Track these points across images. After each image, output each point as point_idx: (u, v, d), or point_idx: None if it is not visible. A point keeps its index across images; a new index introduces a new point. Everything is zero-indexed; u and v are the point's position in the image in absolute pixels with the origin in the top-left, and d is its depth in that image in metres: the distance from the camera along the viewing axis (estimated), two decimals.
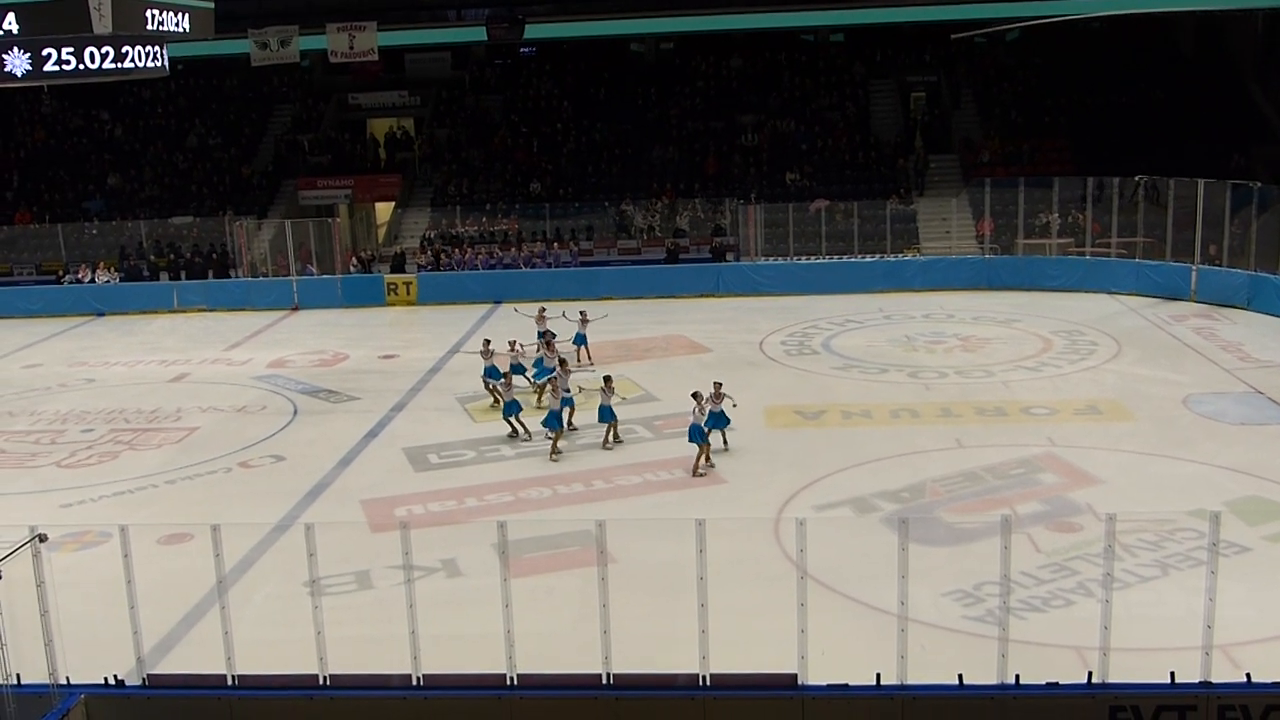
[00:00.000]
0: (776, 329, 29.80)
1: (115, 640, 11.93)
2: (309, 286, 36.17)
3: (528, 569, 14.55)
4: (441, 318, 34.05)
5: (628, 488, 18.05)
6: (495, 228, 40.16)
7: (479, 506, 17.46)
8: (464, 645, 12.81)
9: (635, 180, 41.67)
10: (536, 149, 43.30)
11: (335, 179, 42.94)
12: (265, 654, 12.40)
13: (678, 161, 42.05)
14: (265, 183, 43.32)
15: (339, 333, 32.25)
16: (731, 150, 42.00)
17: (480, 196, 41.76)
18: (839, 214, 37.27)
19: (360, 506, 17.61)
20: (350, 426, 22.21)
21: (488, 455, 20.03)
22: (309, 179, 43.12)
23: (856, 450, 19.33)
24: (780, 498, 17.11)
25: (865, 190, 39.17)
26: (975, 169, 39.27)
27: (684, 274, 35.61)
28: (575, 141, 43.40)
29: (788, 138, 42.16)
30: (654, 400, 23.13)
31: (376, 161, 44.16)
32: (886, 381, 24.04)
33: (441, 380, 25.79)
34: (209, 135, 45.33)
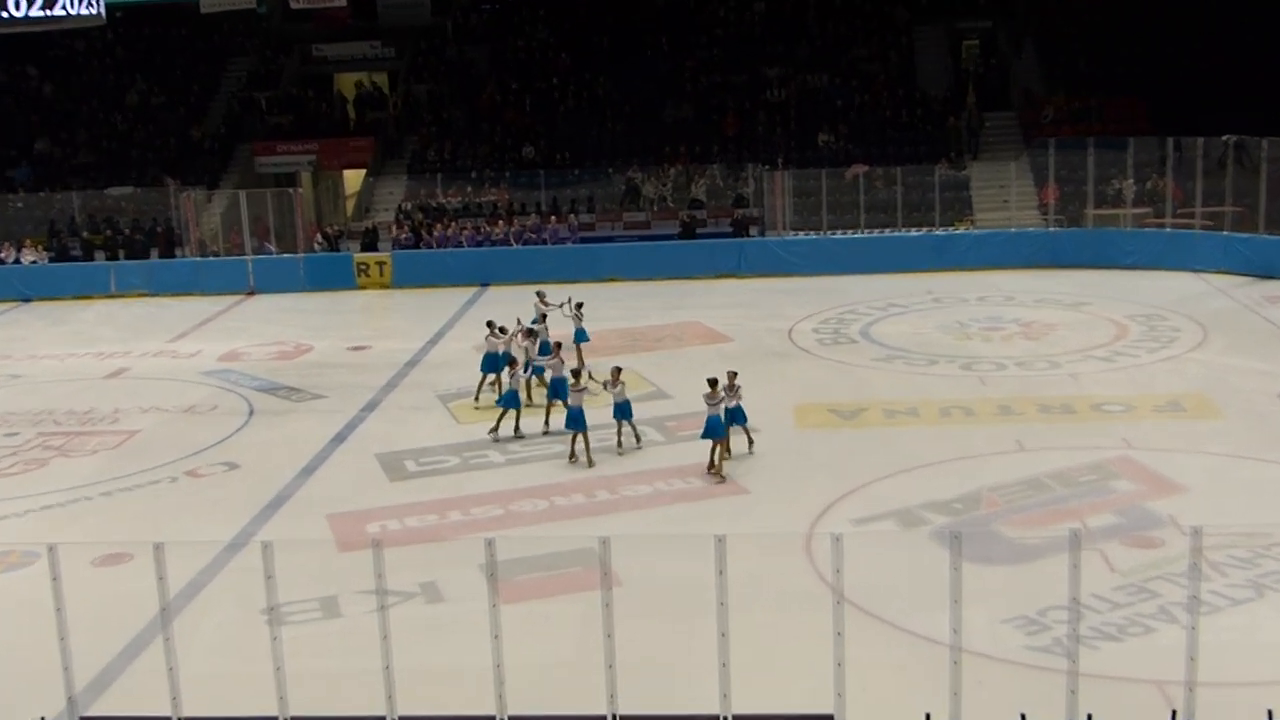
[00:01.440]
0: (808, 314, 29.74)
1: (43, 677, 11.88)
2: (267, 267, 36.20)
3: (520, 593, 14.52)
4: (420, 303, 34.03)
5: (636, 499, 18.00)
6: (482, 199, 40.16)
7: (464, 521, 17.42)
8: (447, 682, 12.77)
9: (644, 143, 41.61)
10: (529, 108, 43.28)
11: (297, 143, 42.99)
12: (216, 691, 12.36)
13: (693, 122, 41.98)
14: (217, 148, 43.34)
15: (301, 320, 32.26)
16: (755, 108, 41.91)
17: (465, 163, 41.76)
18: (879, 181, 37.17)
19: (326, 522, 17.59)
20: (314, 429, 22.20)
21: (474, 462, 19.99)
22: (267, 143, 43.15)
23: (901, 454, 19.27)
24: (813, 510, 17.06)
25: (910, 154, 39.08)
26: (1037, 128, 39.14)
27: (700, 251, 35.60)
28: (574, 99, 43.35)
29: (820, 93, 42.05)
30: (665, 397, 23.09)
31: (345, 123, 44.17)
32: (936, 374, 24.00)
33: (420, 375, 25.76)
34: (152, 93, 45.37)
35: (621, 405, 19.84)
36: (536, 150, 41.72)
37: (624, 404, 19.84)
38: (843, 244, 35.04)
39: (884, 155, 39.04)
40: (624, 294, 33.65)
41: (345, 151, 43.44)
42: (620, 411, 19.87)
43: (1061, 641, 12.94)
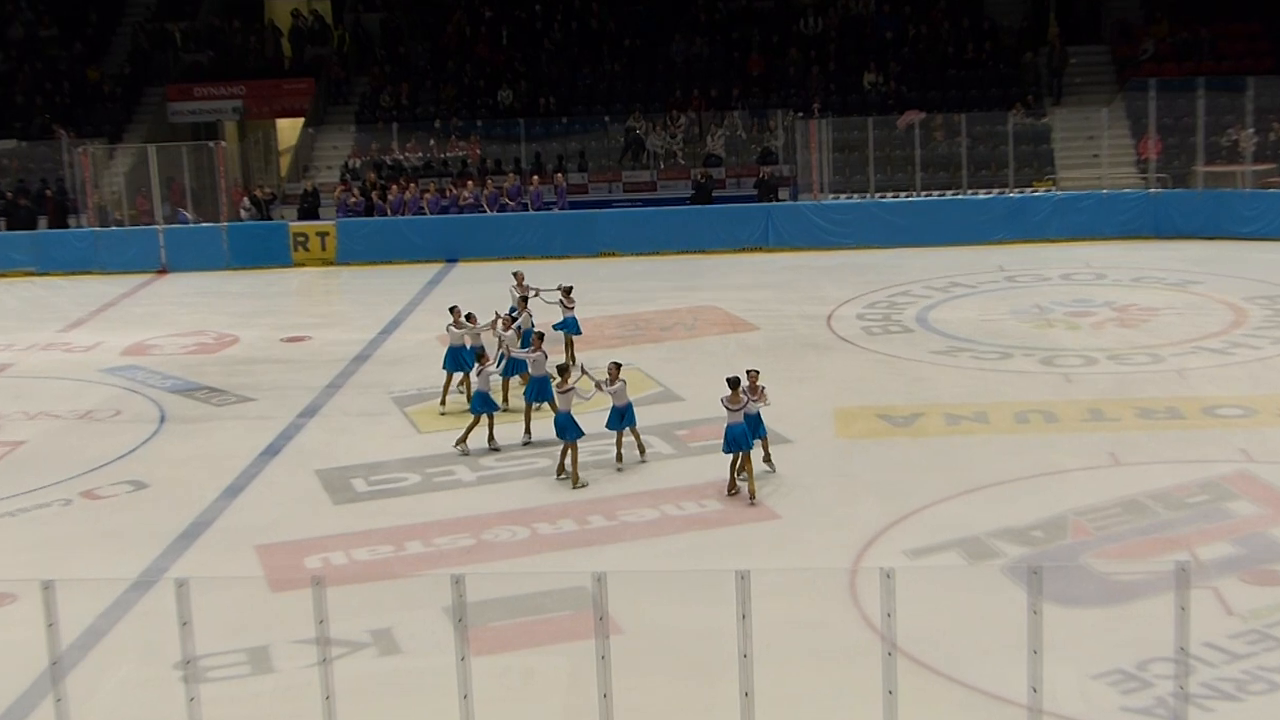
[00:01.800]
0: (851, 297, 29.72)
1: None
2: (182, 239, 36.24)
3: (496, 643, 14.47)
4: (372, 283, 34.01)
5: (639, 526, 17.97)
6: (449, 154, 40.20)
7: (426, 554, 17.39)
8: None
9: (648, 86, 41.61)
10: (507, 41, 43.25)
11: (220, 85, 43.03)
12: None
13: (709, 58, 41.94)
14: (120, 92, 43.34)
15: (225, 305, 32.23)
16: (785, 42, 41.86)
17: (426, 110, 41.77)
18: (939, 132, 37.16)
19: (255, 554, 17.55)
20: (241, 439, 22.17)
21: (438, 480, 19.97)
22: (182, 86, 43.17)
23: (967, 470, 19.22)
24: (858, 538, 17.02)
25: (977, 98, 39.08)
26: (1135, 66, 39.09)
27: (718, 219, 35.62)
28: (562, 31, 43.30)
29: (865, 24, 41.99)
30: (674, 400, 23.05)
31: (278, 61, 44.17)
32: (1010, 371, 23.97)
33: (372, 373, 25.78)
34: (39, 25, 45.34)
35: (622, 410, 19.81)
36: (515, 95, 41.71)
37: (625, 408, 19.81)
38: (894, 210, 35.03)
39: (945, 100, 39.02)
40: (623, 272, 33.62)
41: (279, 96, 43.47)
42: (620, 417, 19.83)
43: (1166, 701, 12.89)
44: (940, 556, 16.43)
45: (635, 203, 38.48)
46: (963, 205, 34.96)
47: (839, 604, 15.15)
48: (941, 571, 15.85)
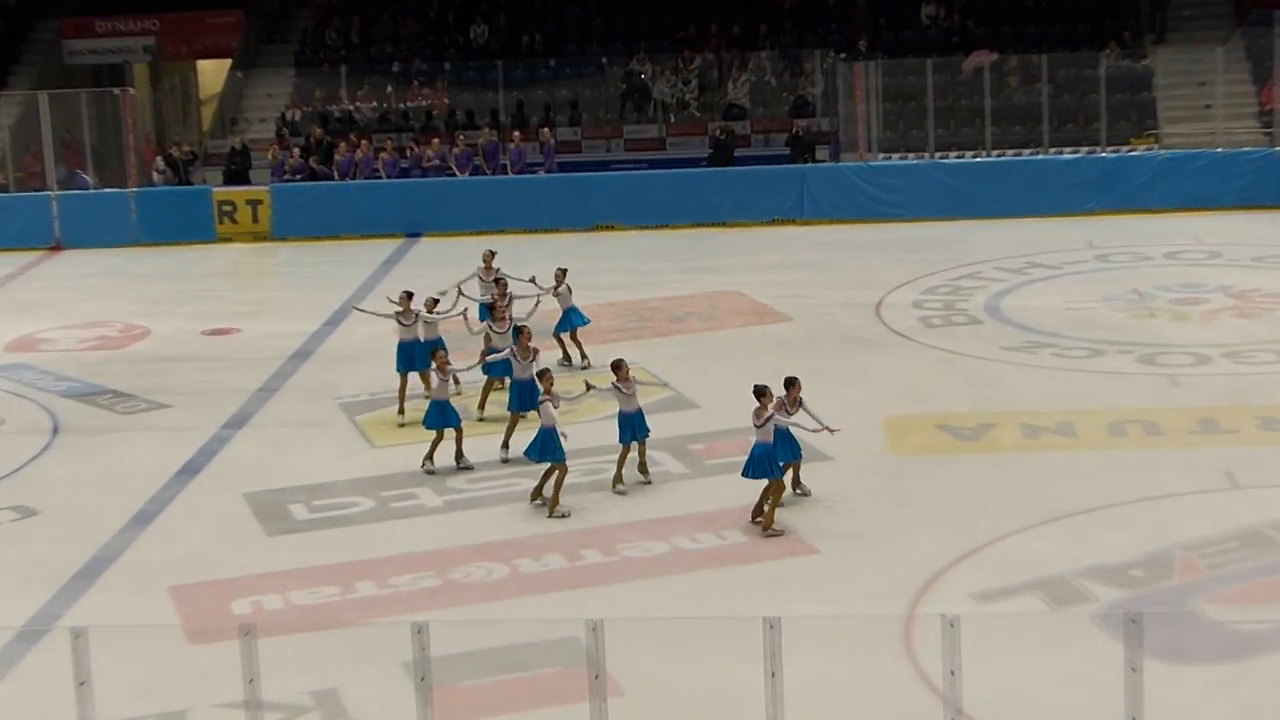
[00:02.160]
0: (905, 280, 29.71)
1: None
2: (81, 208, 36.23)
3: (468, 707, 14.44)
4: (315, 263, 34.02)
5: (643, 563, 17.94)
6: (410, 104, 40.17)
7: (380, 597, 17.36)
8: None
9: (655, 21, 41.57)
10: None
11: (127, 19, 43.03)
12: None
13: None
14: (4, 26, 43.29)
15: (133, 289, 32.22)
16: None
17: (383, 50, 41.73)
18: (1014, 76, 37.08)
19: (170, 597, 17.53)
20: (152, 455, 22.14)
21: (396, 506, 19.96)
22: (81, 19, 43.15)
23: (1049, 493, 19.19)
24: (914, 579, 16.96)
25: (1062, 35, 39.04)
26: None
27: (741, 184, 35.62)
28: None
29: None
30: (687, 407, 23.04)
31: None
32: (1102, 371, 23.98)
33: (316, 373, 25.81)
34: None
35: (630, 417, 19.69)
36: (491, 31, 41.70)
37: (636, 415, 19.71)
38: (958, 172, 35.00)
39: (1020, 37, 38.98)
40: (624, 249, 33.60)
41: (200, 32, 43.45)
42: (632, 428, 19.71)
43: None
44: (1016, 600, 16.38)
45: (639, 164, 38.47)
46: (1043, 167, 34.93)
47: (890, 659, 15.08)
48: (1018, 619, 15.79)
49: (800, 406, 18.82)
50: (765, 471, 18.33)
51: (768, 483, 18.37)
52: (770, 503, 18.42)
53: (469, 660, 15.06)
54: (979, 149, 35.97)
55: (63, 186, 36.84)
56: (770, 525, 18.31)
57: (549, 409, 19.35)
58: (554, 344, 24.56)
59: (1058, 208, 33.94)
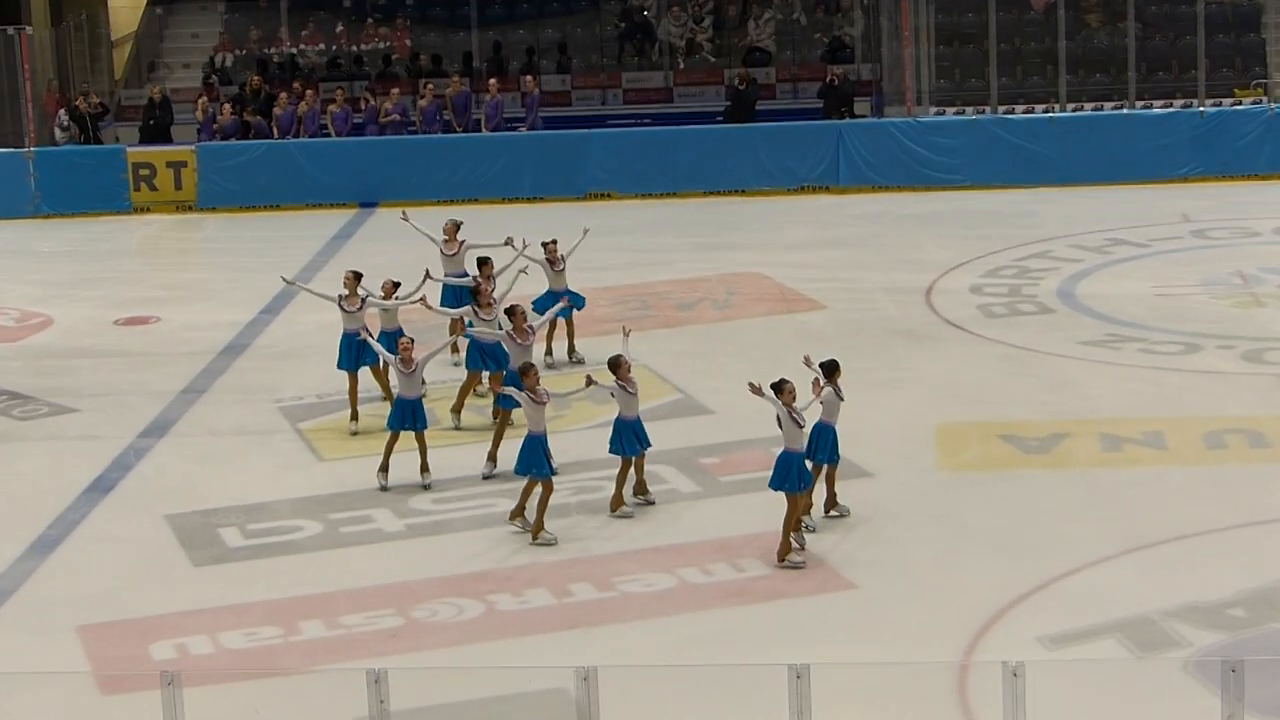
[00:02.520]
0: (962, 260, 29.81)
1: None
2: None
3: None
4: (250, 238, 34.03)
5: (644, 599, 18.02)
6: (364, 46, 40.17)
7: (330, 639, 17.44)
8: None
9: None
10: None
11: None
12: None
13: None
14: None
15: (32, 270, 32.31)
16: None
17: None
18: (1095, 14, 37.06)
19: (77, 638, 17.61)
20: (57, 469, 22.23)
21: (348, 530, 20.04)
22: None
23: (1133, 517, 19.29)
24: (970, 618, 17.05)
25: None
26: None
27: (764, 144, 35.68)
28: None
29: None
30: (698, 412, 23.20)
31: None
32: (1198, 370, 24.05)
33: (251, 372, 25.91)
34: None
35: (631, 424, 19.81)
36: None
37: (636, 423, 19.85)
38: (1026, 131, 35.00)
39: None
40: (623, 222, 33.64)
41: None
42: (634, 437, 19.86)
43: None
44: (1093, 645, 16.45)
45: (642, 119, 38.47)
46: (1128, 124, 34.93)
47: (942, 713, 15.14)
48: (1095, 667, 15.87)
49: (821, 391, 18.96)
50: (791, 484, 18.30)
51: (790, 498, 18.42)
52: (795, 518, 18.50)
53: (436, 715, 15.05)
54: (1051, 102, 35.95)
55: None
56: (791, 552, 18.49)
57: (535, 410, 19.37)
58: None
59: (1146, 173, 34.00)
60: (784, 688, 11.52)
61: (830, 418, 19.06)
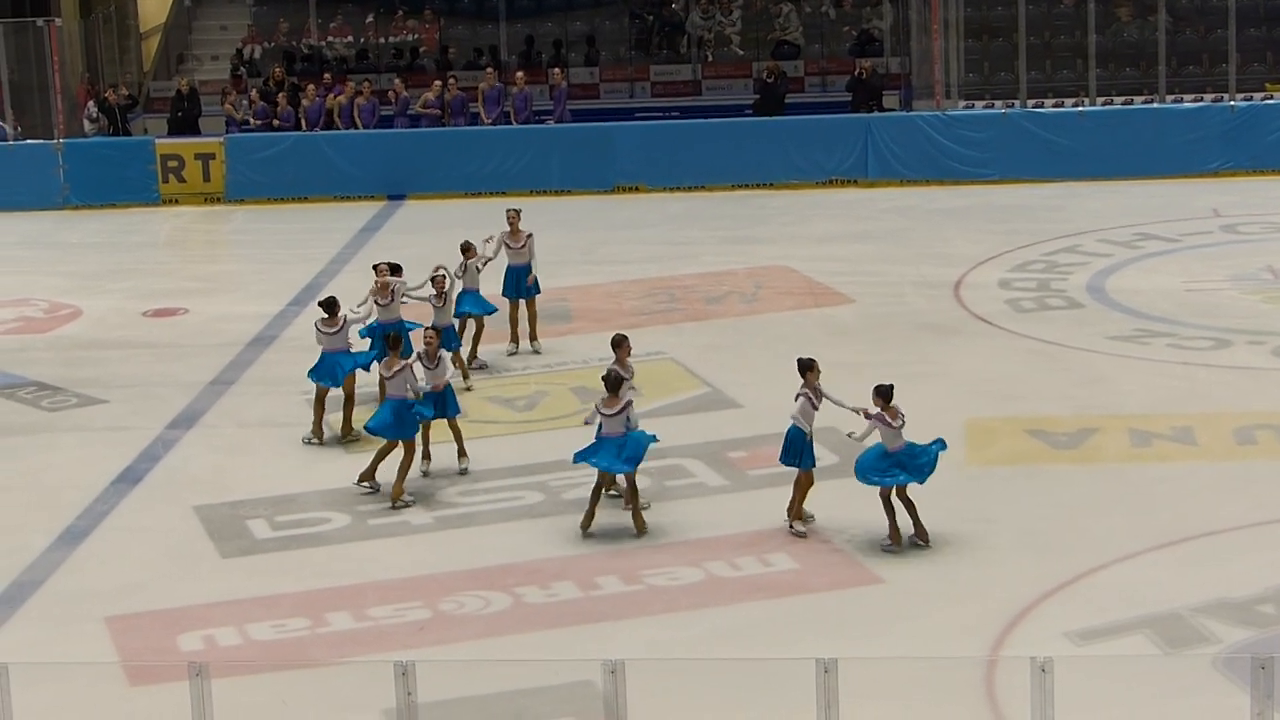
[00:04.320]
0: (991, 254, 29.75)
1: None
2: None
3: None
4: (278, 230, 34.06)
5: (672, 592, 18.01)
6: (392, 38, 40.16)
7: (357, 631, 17.45)
8: None
9: None
10: None
11: None
12: None
13: None
14: None
15: (61, 261, 32.35)
16: None
17: None
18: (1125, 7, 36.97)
19: (106, 629, 17.64)
20: (85, 461, 22.24)
21: (376, 523, 20.03)
22: None
23: (1162, 513, 19.24)
24: (998, 613, 17.02)
25: None
26: None
27: (792, 137, 35.64)
28: None
29: None
30: (726, 406, 23.15)
31: None
32: (1227, 366, 23.99)
33: (279, 363, 25.91)
34: None
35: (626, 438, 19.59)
36: None
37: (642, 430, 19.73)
38: (1055, 124, 34.94)
39: None
40: (651, 215, 33.69)
41: None
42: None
43: None
44: (1122, 641, 16.41)
45: (669, 112, 38.42)
46: (1159, 118, 34.85)
47: (969, 709, 15.11)
48: (1123, 664, 15.79)
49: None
50: (806, 460, 18.46)
51: (802, 474, 18.59)
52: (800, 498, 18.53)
53: (462, 708, 15.05)
54: (1081, 96, 35.86)
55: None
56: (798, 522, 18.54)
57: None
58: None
59: (1176, 167, 33.91)
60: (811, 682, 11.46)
61: (805, 422, 18.99)
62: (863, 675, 12.60)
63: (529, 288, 24.91)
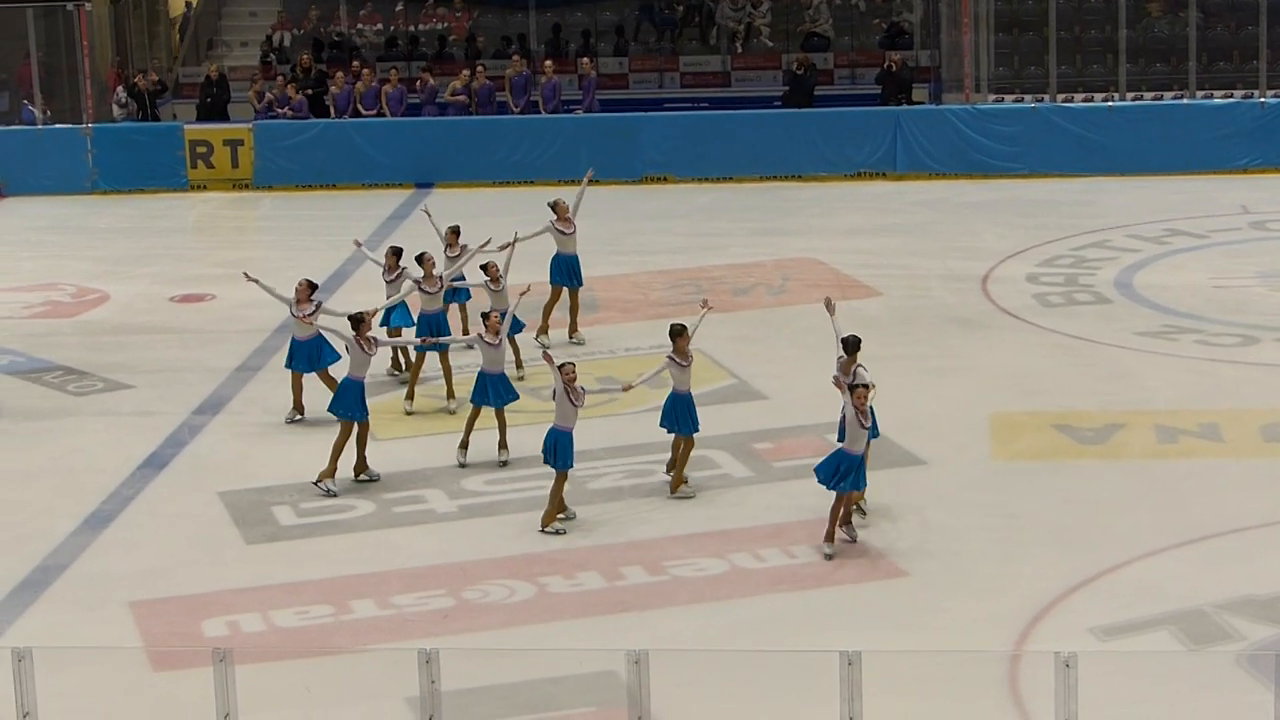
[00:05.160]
0: (1019, 249, 29.71)
1: None
2: (26, 147, 36.47)
3: None
4: (306, 216, 34.13)
5: (696, 583, 18.02)
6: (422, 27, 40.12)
7: (381, 619, 17.48)
8: None
9: None
10: None
11: None
12: None
13: None
14: None
15: (89, 246, 32.42)
16: None
17: None
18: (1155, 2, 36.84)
19: (130, 614, 17.69)
20: (110, 446, 22.30)
21: (401, 510, 20.08)
22: None
23: (1187, 509, 19.22)
24: (1022, 608, 17.02)
25: None
26: None
27: (821, 130, 35.61)
28: None
29: None
30: (752, 397, 23.18)
31: None
32: (1255, 363, 23.95)
33: None
34: None
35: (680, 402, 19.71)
36: None
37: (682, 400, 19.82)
38: (1085, 119, 34.86)
39: None
40: (678, 206, 33.69)
41: None
42: (680, 413, 19.77)
43: None
44: (1145, 637, 16.40)
45: (698, 103, 38.37)
46: (1189, 114, 34.75)
47: (993, 704, 15.13)
48: (1147, 659, 15.78)
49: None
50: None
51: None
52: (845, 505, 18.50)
53: (486, 696, 15.12)
54: (1111, 90, 35.77)
55: (5, 121, 36.97)
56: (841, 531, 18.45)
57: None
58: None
59: (1205, 163, 33.83)
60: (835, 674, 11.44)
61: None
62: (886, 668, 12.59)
63: (576, 276, 24.92)
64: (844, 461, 18.09)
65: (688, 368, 19.80)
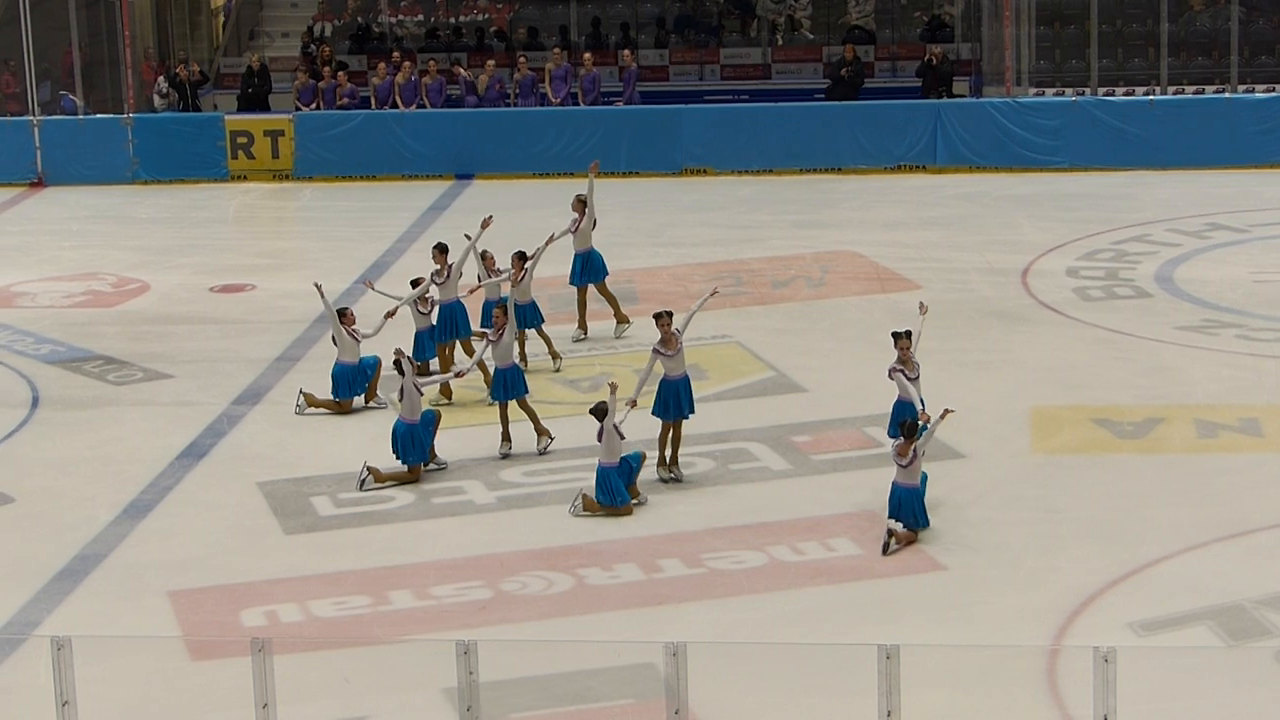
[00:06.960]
0: (1059, 243, 29.58)
1: None
2: (68, 137, 36.44)
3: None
4: (345, 207, 34.08)
5: (734, 576, 17.98)
6: (462, 18, 40.11)
7: (419, 610, 17.48)
8: None
9: None
10: None
11: None
12: None
13: None
14: None
15: (129, 236, 32.40)
16: None
17: None
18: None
19: (168, 604, 17.71)
20: (150, 435, 22.32)
21: (440, 501, 20.07)
22: None
23: (1227, 504, 19.13)
24: (1061, 602, 16.96)
25: None
26: None
27: (862, 122, 35.48)
28: None
29: None
30: (791, 390, 23.05)
31: None
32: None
33: None
34: None
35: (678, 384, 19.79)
36: None
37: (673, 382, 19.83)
38: (1126, 113, 34.68)
39: None
40: (718, 198, 33.61)
41: None
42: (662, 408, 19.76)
43: None
44: (1184, 632, 16.35)
45: (739, 96, 38.28)
46: (1230, 108, 34.52)
47: (1031, 698, 15.08)
48: (1185, 655, 15.76)
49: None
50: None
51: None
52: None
53: (523, 688, 15.12)
54: (1152, 84, 35.61)
55: (45, 111, 36.97)
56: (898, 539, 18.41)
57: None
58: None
59: (1247, 157, 33.62)
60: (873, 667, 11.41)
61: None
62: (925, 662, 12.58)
63: (600, 270, 24.93)
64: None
65: (675, 356, 19.85)
